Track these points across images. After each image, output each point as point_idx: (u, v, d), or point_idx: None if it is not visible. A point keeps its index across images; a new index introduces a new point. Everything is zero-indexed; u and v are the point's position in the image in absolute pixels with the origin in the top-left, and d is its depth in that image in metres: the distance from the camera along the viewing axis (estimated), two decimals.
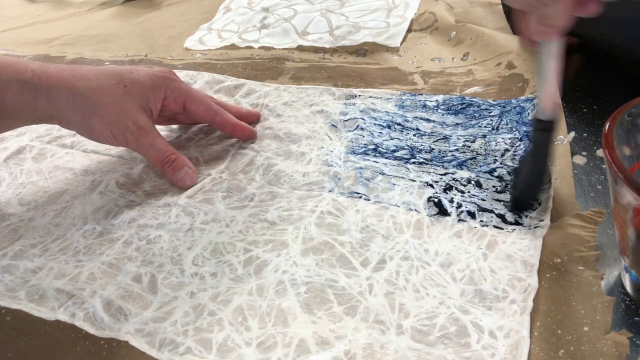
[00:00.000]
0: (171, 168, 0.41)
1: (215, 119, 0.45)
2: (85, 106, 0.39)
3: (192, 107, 0.44)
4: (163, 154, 0.41)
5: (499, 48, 0.53)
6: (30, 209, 0.41)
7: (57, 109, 0.39)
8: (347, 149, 0.43)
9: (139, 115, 0.41)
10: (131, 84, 0.41)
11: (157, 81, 0.42)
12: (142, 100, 0.41)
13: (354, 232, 0.35)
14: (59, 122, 0.40)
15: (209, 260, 0.34)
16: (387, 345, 0.27)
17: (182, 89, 0.43)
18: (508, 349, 0.26)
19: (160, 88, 0.42)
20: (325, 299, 0.30)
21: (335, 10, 0.68)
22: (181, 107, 0.44)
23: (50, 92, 0.38)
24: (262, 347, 0.28)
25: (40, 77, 0.38)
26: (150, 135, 0.41)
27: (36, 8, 0.86)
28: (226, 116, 0.45)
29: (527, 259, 0.31)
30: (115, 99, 0.40)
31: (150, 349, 0.29)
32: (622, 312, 0.28)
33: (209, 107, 0.44)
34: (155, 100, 0.42)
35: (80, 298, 0.32)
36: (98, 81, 0.40)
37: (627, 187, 0.24)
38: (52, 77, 0.39)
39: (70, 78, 0.39)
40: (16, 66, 0.38)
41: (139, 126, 0.40)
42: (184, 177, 0.41)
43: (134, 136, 0.40)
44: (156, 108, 0.43)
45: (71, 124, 0.40)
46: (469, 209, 0.35)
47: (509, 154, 0.39)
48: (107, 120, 0.39)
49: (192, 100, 0.44)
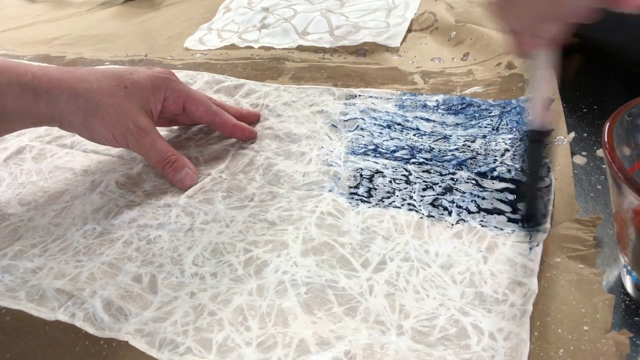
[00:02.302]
0: (172, 169, 0.41)
1: (215, 120, 0.45)
2: (86, 108, 0.39)
3: (192, 108, 0.44)
4: (163, 155, 0.41)
5: (499, 48, 0.53)
6: (30, 209, 0.41)
7: (57, 111, 0.39)
8: (347, 149, 0.42)
9: (140, 117, 0.41)
10: (131, 85, 0.41)
11: (157, 82, 0.42)
12: (143, 101, 0.41)
13: (354, 233, 0.35)
14: (60, 124, 0.40)
15: (209, 260, 0.34)
16: (387, 345, 0.27)
17: (181, 90, 0.44)
18: (508, 351, 0.26)
19: (160, 89, 0.42)
20: (326, 300, 0.30)
21: (335, 10, 0.68)
22: (181, 108, 0.44)
23: (50, 94, 0.38)
24: (262, 347, 0.28)
25: (40, 80, 0.38)
26: (151, 136, 0.41)
27: (36, 8, 0.86)
28: (225, 117, 0.45)
29: (527, 263, 0.31)
30: (115, 101, 0.40)
31: (150, 349, 0.29)
32: (622, 312, 0.28)
33: (208, 108, 0.44)
34: (156, 101, 0.42)
35: (80, 298, 0.32)
36: (98, 83, 0.40)
37: (627, 187, 0.24)
38: (53, 80, 0.39)
39: (70, 80, 0.39)
40: (16, 69, 0.38)
41: (140, 127, 0.40)
42: (184, 177, 0.41)
43: (135, 137, 0.40)
44: (156, 109, 0.43)
45: (72, 126, 0.40)
46: (469, 209, 0.35)
47: (509, 154, 0.39)
48: (108, 122, 0.39)
49: (191, 101, 0.44)
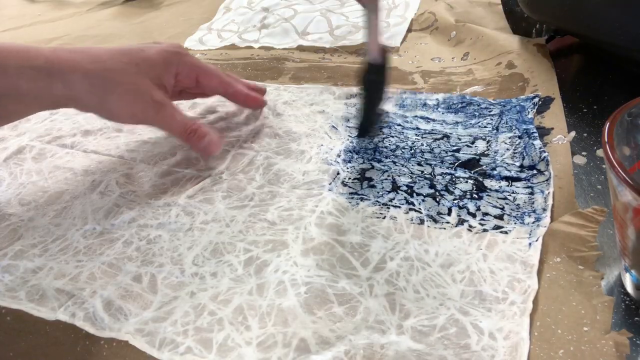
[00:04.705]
0: (196, 137, 0.41)
1: (228, 91, 0.46)
2: (103, 87, 0.39)
3: (205, 81, 0.45)
4: (185, 125, 0.41)
5: (499, 48, 0.54)
6: (30, 209, 0.41)
7: (73, 92, 0.39)
8: (347, 147, 0.43)
9: (155, 91, 0.41)
10: (143, 62, 0.41)
11: (168, 57, 0.43)
12: (156, 77, 0.42)
13: (354, 232, 0.35)
14: (75, 104, 0.40)
15: (209, 260, 0.34)
16: (387, 345, 0.27)
17: (193, 64, 0.45)
18: (508, 350, 0.26)
19: (172, 63, 0.43)
20: (326, 299, 0.30)
21: (335, 10, 0.68)
22: (194, 81, 0.45)
23: (65, 76, 0.39)
24: (262, 347, 0.28)
25: (53, 62, 0.38)
26: (169, 108, 0.42)
27: (36, 8, 0.86)
28: (238, 87, 0.47)
29: (527, 259, 0.31)
30: (130, 78, 0.40)
31: (151, 348, 0.29)
32: (622, 312, 0.28)
33: (222, 79, 0.46)
34: (169, 76, 0.43)
35: (81, 298, 0.32)
36: (111, 61, 0.40)
37: (627, 187, 0.24)
38: (65, 61, 0.39)
39: (82, 61, 0.39)
40: (27, 53, 0.38)
41: (157, 101, 0.41)
42: (208, 144, 0.42)
43: (155, 110, 0.41)
44: (170, 84, 0.43)
45: (89, 106, 0.41)
46: (469, 208, 0.35)
47: (509, 153, 0.39)
48: (126, 99, 0.40)
49: (205, 74, 0.45)
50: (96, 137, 0.48)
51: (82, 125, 0.51)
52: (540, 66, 0.49)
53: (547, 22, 0.52)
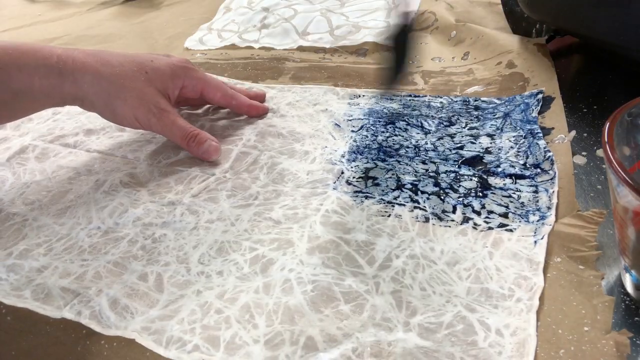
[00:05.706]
0: (195, 143, 0.43)
1: (231, 103, 0.49)
2: (110, 90, 0.41)
3: (209, 95, 0.48)
4: (185, 131, 0.43)
5: (499, 47, 0.54)
6: (34, 208, 0.41)
7: (82, 91, 0.41)
8: (351, 147, 0.43)
9: (159, 99, 0.43)
10: (152, 71, 0.44)
11: (176, 70, 0.45)
12: (162, 87, 0.44)
13: (360, 230, 0.35)
14: (82, 103, 0.42)
15: (215, 258, 0.34)
16: (394, 342, 0.28)
17: (199, 78, 0.47)
18: (515, 346, 0.27)
19: (179, 77, 0.45)
20: (332, 297, 0.31)
21: (335, 10, 0.68)
22: (198, 94, 0.48)
23: (75, 75, 0.41)
24: (270, 345, 0.28)
25: (65, 62, 0.40)
26: (172, 115, 0.44)
27: (36, 8, 0.86)
28: (241, 99, 0.49)
29: (533, 257, 0.31)
30: (137, 85, 0.42)
31: (157, 347, 0.29)
32: (623, 312, 0.28)
33: (225, 92, 0.48)
34: (174, 88, 0.45)
35: (86, 296, 0.32)
36: (121, 67, 0.42)
37: (627, 187, 0.24)
38: (77, 62, 0.41)
39: (94, 63, 0.41)
40: (42, 52, 0.40)
41: (161, 108, 0.43)
42: (207, 149, 0.43)
43: (157, 117, 0.43)
44: (174, 95, 0.46)
45: (95, 107, 0.43)
46: (474, 206, 0.35)
47: (513, 151, 0.39)
48: (131, 104, 0.42)
49: (209, 88, 0.48)
50: (99, 137, 0.48)
51: (84, 125, 0.51)
52: (540, 65, 0.49)
53: (547, 22, 0.52)
